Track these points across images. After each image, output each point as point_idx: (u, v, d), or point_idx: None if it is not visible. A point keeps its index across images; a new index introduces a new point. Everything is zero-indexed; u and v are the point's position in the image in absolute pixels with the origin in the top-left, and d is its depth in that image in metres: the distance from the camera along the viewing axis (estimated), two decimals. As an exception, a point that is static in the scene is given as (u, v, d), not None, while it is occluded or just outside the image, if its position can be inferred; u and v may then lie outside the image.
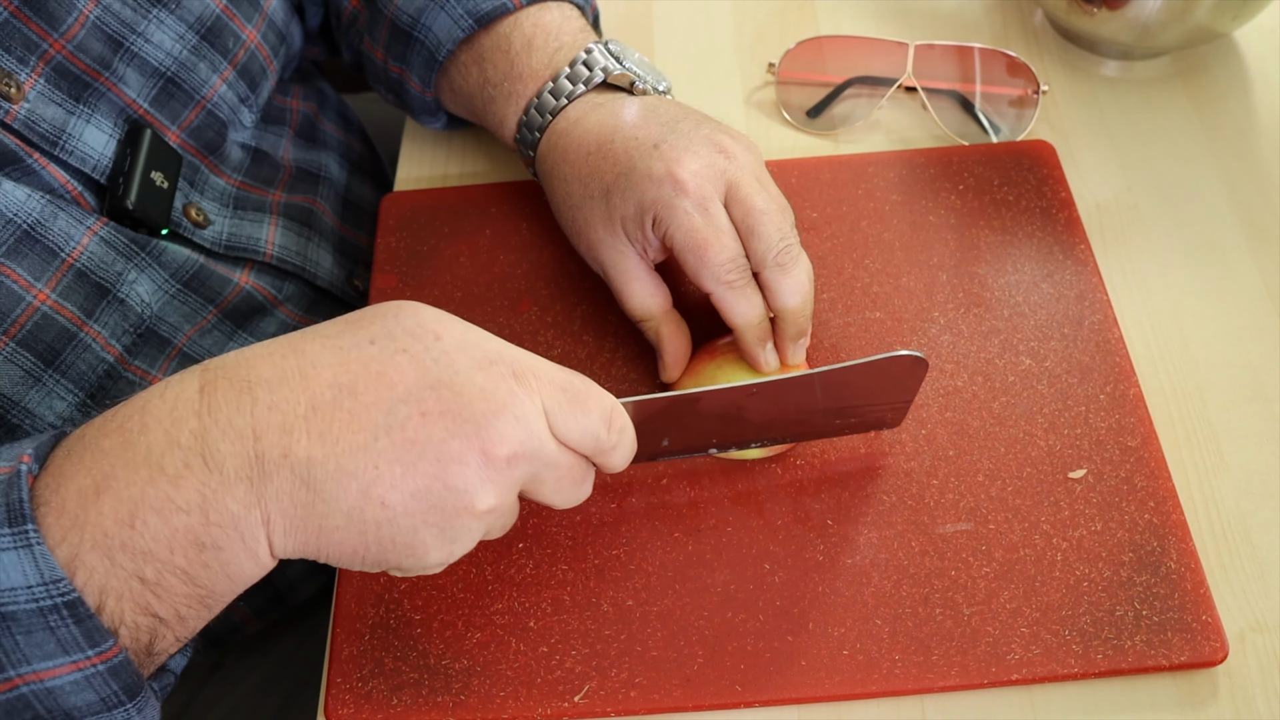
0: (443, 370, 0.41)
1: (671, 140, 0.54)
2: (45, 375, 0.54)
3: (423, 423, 0.40)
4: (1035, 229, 0.62)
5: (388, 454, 0.40)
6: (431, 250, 0.65)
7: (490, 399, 0.41)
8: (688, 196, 0.53)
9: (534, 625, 0.51)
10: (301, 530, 0.40)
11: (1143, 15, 0.65)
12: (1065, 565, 0.51)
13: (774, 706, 0.49)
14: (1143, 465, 0.53)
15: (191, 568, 0.40)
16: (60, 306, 0.54)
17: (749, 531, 0.53)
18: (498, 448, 0.41)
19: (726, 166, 0.54)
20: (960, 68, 0.70)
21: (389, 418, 0.40)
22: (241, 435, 0.40)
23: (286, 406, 0.40)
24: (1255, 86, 0.70)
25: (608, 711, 0.49)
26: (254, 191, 0.66)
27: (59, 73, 0.54)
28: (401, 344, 0.42)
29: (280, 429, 0.40)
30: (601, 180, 0.56)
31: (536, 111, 0.60)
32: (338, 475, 0.40)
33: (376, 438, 0.40)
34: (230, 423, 0.40)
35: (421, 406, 0.40)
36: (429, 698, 0.49)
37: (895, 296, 0.60)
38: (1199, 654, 0.48)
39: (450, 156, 0.71)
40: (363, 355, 0.41)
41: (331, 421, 0.40)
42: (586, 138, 0.57)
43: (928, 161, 0.66)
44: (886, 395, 0.52)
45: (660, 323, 0.56)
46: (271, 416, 0.40)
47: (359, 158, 0.78)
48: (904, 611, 0.50)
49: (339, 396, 0.40)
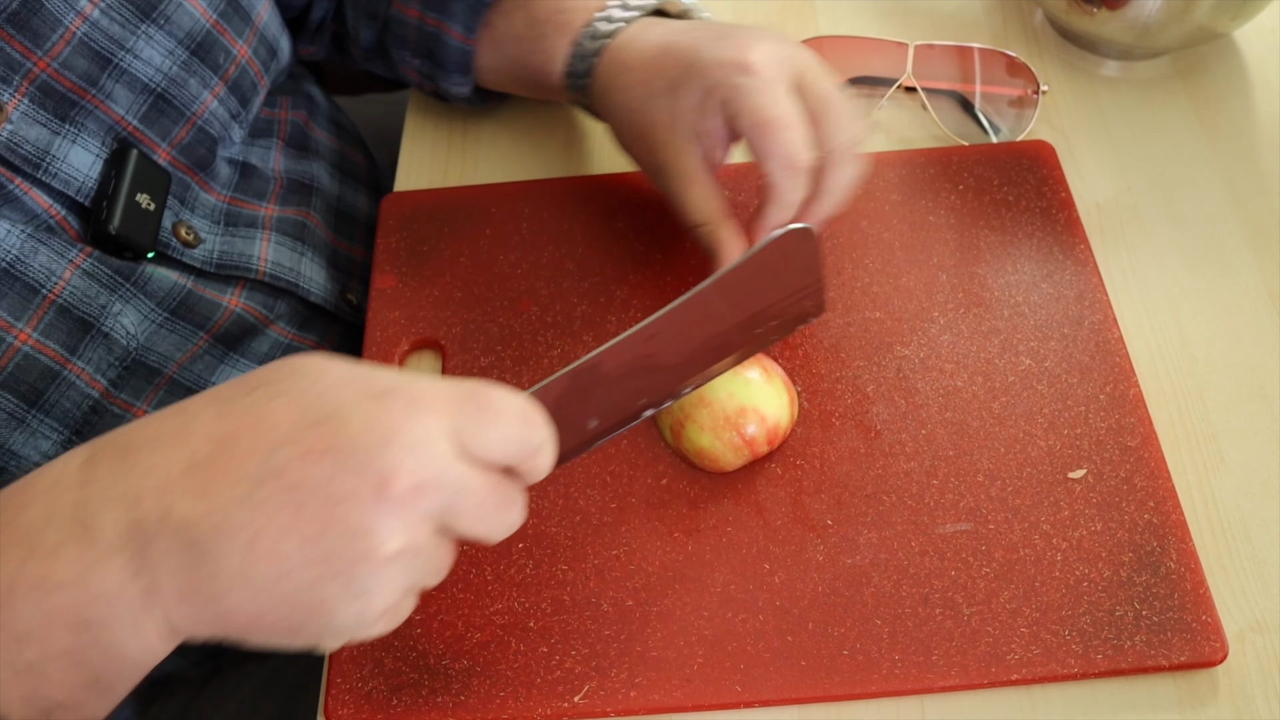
0: (325, 405, 0.37)
1: (737, 34, 0.54)
2: (29, 416, 0.53)
3: (304, 464, 0.36)
4: (1035, 229, 0.62)
5: (269, 502, 0.36)
6: (431, 250, 0.65)
7: (379, 427, 0.37)
8: (758, 75, 0.52)
9: (534, 625, 0.51)
10: (193, 598, 0.37)
11: (1143, 15, 0.65)
12: (1065, 565, 0.51)
13: (774, 706, 0.49)
14: (1143, 465, 0.53)
15: (77, 649, 0.37)
16: (42, 345, 0.53)
17: (749, 531, 0.53)
18: (393, 481, 0.36)
19: (794, 54, 0.54)
20: (960, 68, 0.70)
21: (268, 464, 0.36)
22: (120, 502, 0.37)
23: (165, 466, 0.37)
24: (1255, 86, 0.70)
25: (608, 711, 0.49)
26: (245, 206, 0.65)
27: (44, 92, 0.53)
28: (282, 387, 0.38)
29: (158, 490, 0.37)
30: (666, 76, 0.56)
31: (590, 38, 0.60)
32: (218, 532, 0.36)
33: (256, 487, 0.36)
34: (108, 491, 0.37)
35: (303, 446, 0.37)
36: (429, 698, 0.49)
37: (895, 296, 0.60)
38: (1199, 654, 0.48)
39: (450, 156, 0.71)
40: (242, 404, 0.38)
41: (210, 476, 0.37)
42: (649, 46, 0.57)
43: (928, 161, 0.66)
44: (791, 283, 0.50)
45: (718, 225, 0.55)
46: (149, 479, 0.37)
47: (352, 166, 0.77)
48: (904, 611, 0.50)
49: (216, 450, 0.37)
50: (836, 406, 0.56)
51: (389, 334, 0.61)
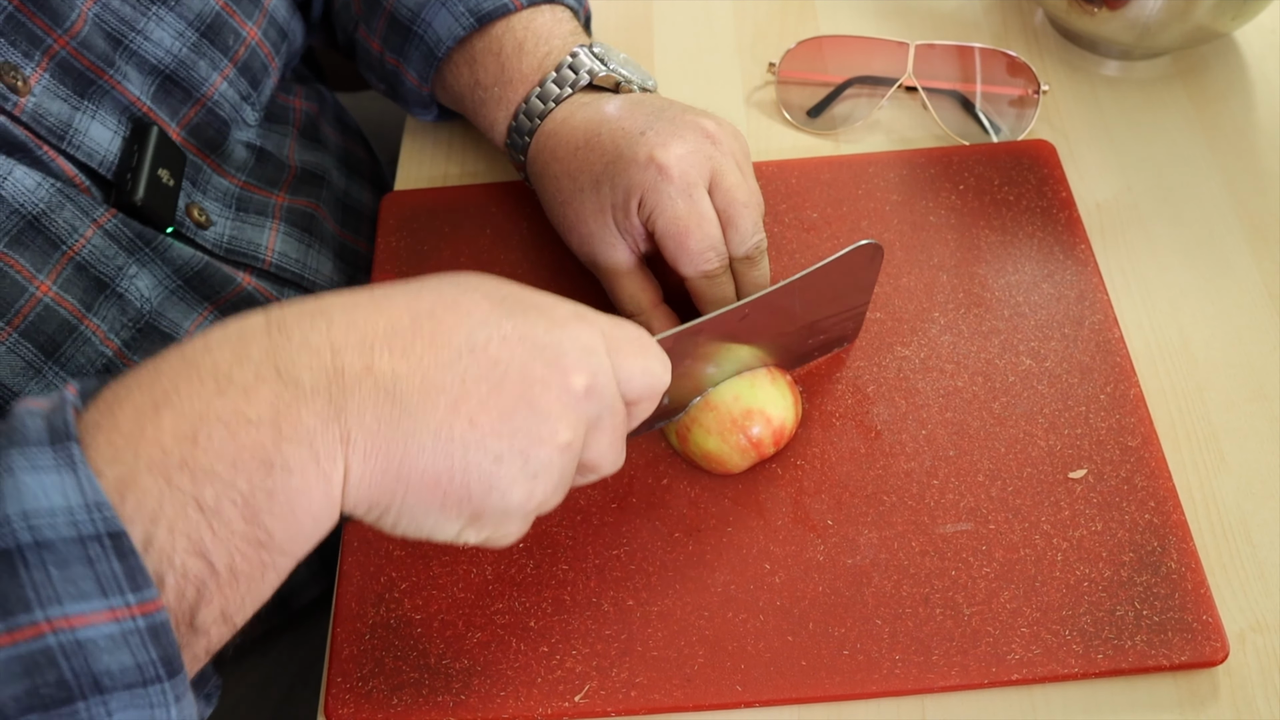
0: (514, 305, 0.41)
1: (657, 127, 0.55)
2: (45, 367, 0.54)
3: (504, 345, 0.39)
4: (1035, 229, 0.62)
5: (474, 371, 0.39)
6: (431, 250, 0.65)
7: (564, 331, 0.41)
8: (672, 182, 0.53)
9: (534, 625, 0.51)
10: (385, 452, 0.37)
11: (1143, 15, 0.65)
12: (1065, 565, 0.51)
13: (774, 706, 0.49)
14: (1143, 465, 0.53)
15: (255, 495, 0.35)
16: (61, 298, 0.54)
17: (749, 531, 0.53)
18: (574, 377, 0.40)
19: (712, 152, 0.54)
20: (960, 68, 0.70)
21: (471, 338, 0.39)
22: (318, 350, 0.37)
23: (365, 325, 0.38)
24: (1255, 86, 0.70)
25: (608, 711, 0.49)
26: (258, 192, 0.66)
27: (63, 68, 0.54)
28: (469, 284, 0.42)
29: (360, 345, 0.38)
30: (590, 172, 0.56)
31: (525, 116, 0.60)
32: (425, 389, 0.38)
33: (461, 355, 0.39)
34: (305, 339, 0.37)
35: (500, 330, 0.40)
36: (429, 698, 0.49)
37: (895, 296, 0.60)
38: (1199, 654, 0.48)
39: (450, 156, 0.71)
40: (435, 290, 0.41)
41: (413, 341, 0.38)
42: (574, 134, 0.58)
43: (928, 161, 0.66)
44: (849, 299, 0.54)
45: (650, 317, 0.57)
46: (350, 334, 0.38)
47: (357, 161, 0.78)
48: (904, 611, 0.50)
49: (418, 320, 0.39)
50: (837, 407, 0.56)
51: (389, 333, 0.61)
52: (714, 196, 0.54)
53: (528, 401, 0.39)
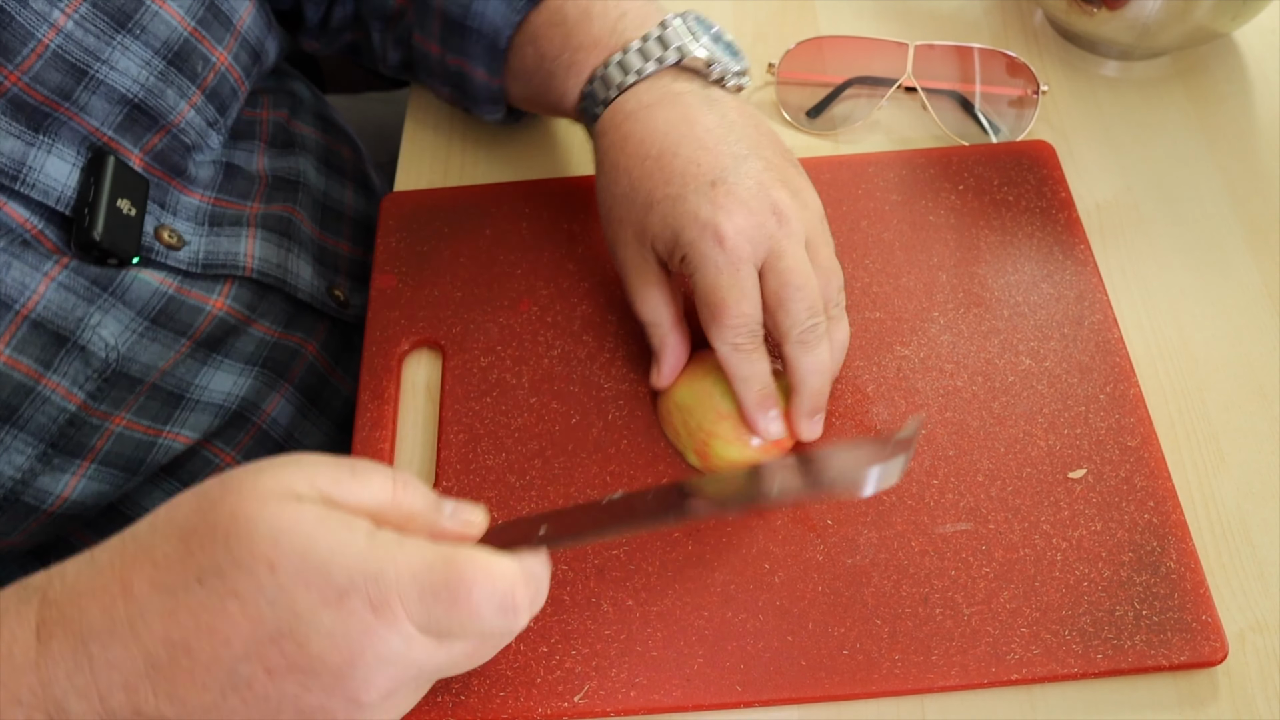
0: (281, 615, 0.36)
1: (731, 182, 0.51)
2: (2, 433, 0.53)
3: (270, 680, 0.36)
4: (1035, 229, 0.62)
5: (241, 711, 0.36)
6: (431, 250, 0.65)
7: (343, 646, 0.36)
8: (723, 252, 0.50)
9: (534, 625, 0.51)
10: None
11: (1143, 15, 0.65)
12: (1065, 565, 0.51)
13: (774, 706, 0.49)
14: (1143, 465, 0.53)
15: None
16: (15, 362, 0.52)
17: (749, 531, 0.53)
18: (365, 694, 0.37)
19: (775, 231, 0.51)
20: (960, 68, 0.70)
21: (233, 677, 0.36)
22: (86, 693, 0.37)
23: (124, 664, 0.37)
24: (1255, 86, 0.70)
25: (608, 711, 0.49)
26: (230, 206, 0.64)
27: (15, 105, 0.52)
28: (231, 584, 0.36)
29: (123, 687, 0.37)
30: (650, 192, 0.53)
31: (602, 83, 0.57)
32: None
33: (225, 695, 0.36)
34: (71, 681, 0.37)
35: (265, 663, 0.36)
36: (429, 697, 0.49)
37: (895, 296, 0.60)
38: (1199, 654, 0.48)
39: (450, 156, 0.71)
40: (191, 602, 0.36)
41: (174, 681, 0.36)
42: (651, 136, 0.54)
43: (928, 161, 0.66)
44: None
45: (667, 331, 0.55)
46: (112, 675, 0.37)
47: (338, 160, 0.77)
48: (904, 611, 0.50)
49: (175, 655, 0.36)
50: (836, 406, 0.56)
51: (389, 334, 0.61)
52: (766, 276, 0.51)
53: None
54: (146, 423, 0.59)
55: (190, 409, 0.61)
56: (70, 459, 0.56)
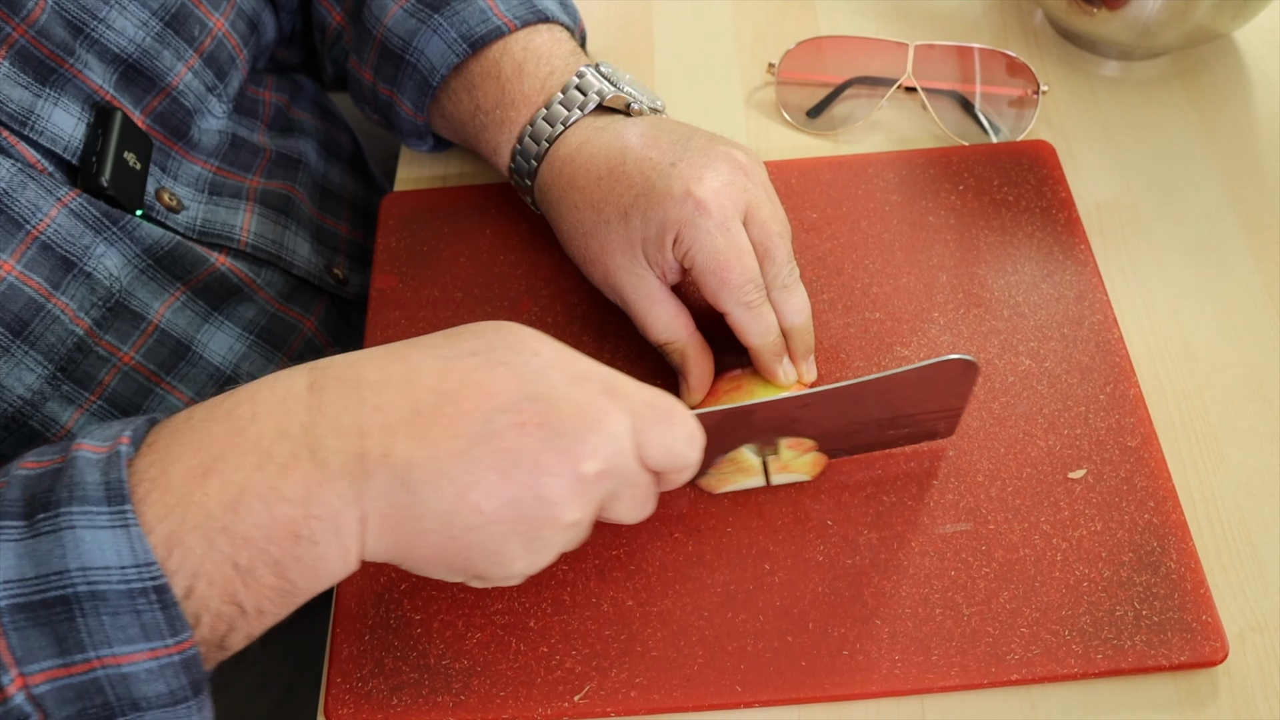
0: (540, 384, 0.42)
1: (688, 158, 0.54)
2: (14, 346, 0.54)
3: (519, 433, 0.41)
4: (1035, 229, 0.62)
5: (484, 461, 0.41)
6: (431, 250, 0.65)
7: (584, 415, 0.42)
8: (710, 217, 0.52)
9: (534, 625, 0.51)
10: (394, 531, 0.41)
11: (1143, 15, 0.65)
12: (1065, 565, 0.51)
13: (774, 706, 0.49)
14: (1143, 465, 0.53)
15: (284, 560, 0.40)
16: (26, 277, 0.53)
17: (749, 531, 0.53)
18: (587, 463, 0.42)
19: (746, 184, 0.54)
20: (960, 68, 0.70)
21: (488, 425, 0.41)
22: (348, 433, 0.41)
23: (391, 408, 0.41)
24: (1255, 86, 0.70)
25: (608, 711, 0.49)
26: (231, 177, 0.65)
27: (23, 57, 0.53)
28: (501, 357, 0.43)
29: (384, 429, 0.41)
30: (618, 204, 0.55)
31: (531, 139, 0.59)
32: (435, 479, 0.41)
33: (474, 444, 0.41)
34: (338, 420, 0.41)
35: (519, 416, 0.41)
36: (429, 698, 0.49)
37: (895, 296, 0.60)
38: (1199, 654, 0.48)
39: (450, 156, 0.71)
40: (464, 365, 0.42)
41: (432, 426, 0.41)
42: (595, 162, 0.57)
43: (928, 161, 0.66)
44: (938, 402, 0.51)
45: (685, 345, 0.56)
46: (376, 417, 0.41)
47: (338, 146, 0.78)
48: (904, 611, 0.50)
49: (441, 402, 0.41)
50: (836, 406, 0.56)
51: (389, 334, 0.61)
52: (749, 229, 0.53)
53: (534, 490, 0.41)
54: (152, 367, 0.60)
55: (192, 364, 0.62)
56: (79, 389, 0.57)
